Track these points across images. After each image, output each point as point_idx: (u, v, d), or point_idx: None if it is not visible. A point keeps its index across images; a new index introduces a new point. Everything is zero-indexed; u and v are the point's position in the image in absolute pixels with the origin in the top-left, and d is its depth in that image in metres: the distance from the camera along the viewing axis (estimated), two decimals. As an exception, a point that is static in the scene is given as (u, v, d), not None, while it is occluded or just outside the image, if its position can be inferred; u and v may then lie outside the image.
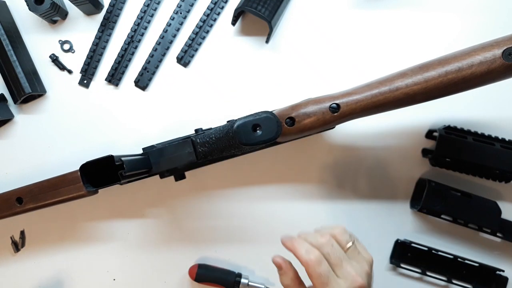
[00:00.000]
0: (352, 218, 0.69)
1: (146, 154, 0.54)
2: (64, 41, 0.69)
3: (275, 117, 0.50)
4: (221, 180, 0.69)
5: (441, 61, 0.48)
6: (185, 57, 0.69)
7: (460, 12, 0.67)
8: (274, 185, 0.69)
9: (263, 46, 0.68)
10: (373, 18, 0.68)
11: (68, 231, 0.70)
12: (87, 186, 0.56)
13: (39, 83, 0.68)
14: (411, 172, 0.68)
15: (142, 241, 0.70)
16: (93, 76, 0.69)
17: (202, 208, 0.69)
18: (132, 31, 0.68)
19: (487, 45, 0.46)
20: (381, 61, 0.67)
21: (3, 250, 0.70)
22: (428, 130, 0.67)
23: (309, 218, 0.69)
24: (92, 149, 0.69)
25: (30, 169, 0.69)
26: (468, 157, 0.62)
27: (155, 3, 0.69)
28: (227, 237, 0.69)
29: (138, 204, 0.69)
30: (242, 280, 0.65)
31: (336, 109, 0.50)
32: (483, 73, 0.45)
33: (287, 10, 0.68)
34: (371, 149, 0.68)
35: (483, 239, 0.68)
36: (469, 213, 0.63)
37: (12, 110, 0.69)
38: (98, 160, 0.54)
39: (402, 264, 0.68)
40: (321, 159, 0.68)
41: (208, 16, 0.68)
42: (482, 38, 0.48)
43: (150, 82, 0.69)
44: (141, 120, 0.69)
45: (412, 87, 0.48)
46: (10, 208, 0.60)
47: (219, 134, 0.52)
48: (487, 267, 0.66)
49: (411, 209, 0.68)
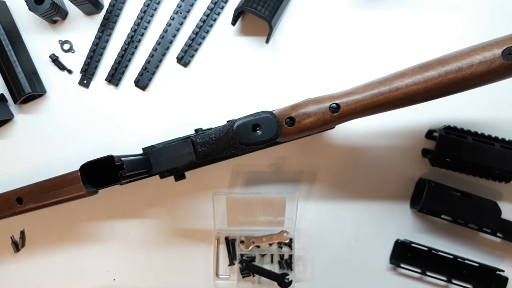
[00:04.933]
0: (352, 218, 0.69)
1: (146, 154, 0.54)
2: (64, 41, 0.69)
3: (275, 117, 0.50)
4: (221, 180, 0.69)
5: (441, 61, 0.48)
6: (185, 57, 0.69)
7: (460, 12, 0.67)
8: (274, 185, 0.69)
9: (263, 46, 0.68)
10: (373, 18, 0.68)
11: (68, 231, 0.70)
12: (87, 186, 0.56)
13: (39, 83, 0.68)
14: (411, 172, 0.68)
15: (142, 241, 0.70)
16: (93, 76, 0.69)
17: (202, 208, 0.69)
18: (132, 31, 0.68)
19: (487, 45, 0.46)
20: (381, 61, 0.67)
21: (3, 250, 0.70)
22: (428, 130, 0.67)
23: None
24: (92, 149, 0.69)
25: (30, 169, 0.69)
26: (468, 157, 0.62)
27: (155, 3, 0.69)
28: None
29: (138, 204, 0.69)
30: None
31: (336, 109, 0.50)
32: (483, 72, 0.45)
33: (287, 10, 0.68)
34: (371, 149, 0.68)
35: (483, 239, 0.68)
36: (469, 213, 0.63)
37: (12, 110, 0.69)
38: (98, 160, 0.54)
39: (402, 264, 0.68)
40: (321, 159, 0.68)
41: (208, 16, 0.68)
42: (482, 38, 0.48)
43: (150, 82, 0.69)
44: (141, 120, 0.69)
45: (412, 87, 0.48)
46: (10, 208, 0.60)
47: (219, 134, 0.52)
48: (487, 267, 0.66)
49: (411, 209, 0.68)
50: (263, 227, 0.69)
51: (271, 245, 0.69)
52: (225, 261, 0.70)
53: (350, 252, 0.69)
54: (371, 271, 0.69)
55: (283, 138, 0.53)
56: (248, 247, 0.67)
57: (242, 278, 0.68)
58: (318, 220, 0.69)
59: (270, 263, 0.69)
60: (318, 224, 0.69)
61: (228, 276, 0.70)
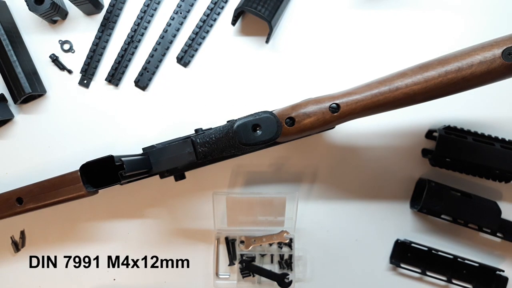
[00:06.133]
0: (352, 218, 0.69)
1: (146, 154, 0.54)
2: (64, 41, 0.69)
3: (275, 117, 0.50)
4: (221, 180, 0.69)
5: (441, 61, 0.48)
6: (185, 57, 0.69)
7: (460, 12, 0.67)
8: (274, 185, 0.69)
9: (263, 46, 0.68)
10: (373, 18, 0.68)
11: (68, 231, 0.70)
12: (87, 186, 0.56)
13: (39, 83, 0.68)
14: (411, 172, 0.68)
15: (142, 241, 0.70)
16: (93, 76, 0.69)
17: (202, 208, 0.69)
18: (132, 31, 0.68)
19: (487, 45, 0.46)
20: (381, 61, 0.67)
21: (3, 250, 0.70)
22: (428, 130, 0.67)
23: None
24: (92, 149, 0.69)
25: (30, 169, 0.69)
26: (468, 157, 0.62)
27: (155, 3, 0.69)
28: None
29: (138, 204, 0.69)
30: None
31: (336, 109, 0.50)
32: (483, 72, 0.45)
33: (287, 10, 0.68)
34: (371, 149, 0.68)
35: (483, 239, 0.68)
36: (469, 213, 0.63)
37: (12, 110, 0.69)
38: (98, 160, 0.54)
39: (402, 264, 0.68)
40: (321, 159, 0.68)
41: (208, 16, 0.68)
42: (482, 38, 0.48)
43: (150, 82, 0.69)
44: (141, 120, 0.69)
45: (412, 87, 0.48)
46: (10, 208, 0.60)
47: (219, 134, 0.52)
48: (487, 267, 0.66)
49: (411, 209, 0.68)
50: (263, 227, 0.69)
51: (271, 245, 0.69)
52: (225, 261, 0.70)
53: (350, 252, 0.69)
54: (371, 271, 0.69)
55: (283, 138, 0.53)
56: (248, 247, 0.67)
57: (242, 278, 0.67)
58: (318, 220, 0.69)
59: (270, 263, 0.69)
60: (318, 224, 0.69)
61: (228, 276, 0.70)
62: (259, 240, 0.68)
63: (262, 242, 0.68)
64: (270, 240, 0.68)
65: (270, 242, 0.68)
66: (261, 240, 0.68)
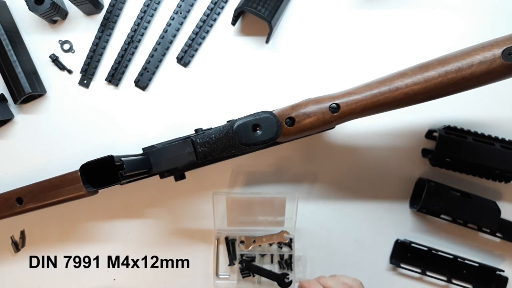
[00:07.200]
0: (352, 218, 0.69)
1: (146, 154, 0.54)
2: (64, 41, 0.69)
3: (275, 117, 0.50)
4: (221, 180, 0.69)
5: (441, 61, 0.48)
6: (185, 57, 0.69)
7: (460, 12, 0.67)
8: (274, 185, 0.69)
9: (263, 46, 0.68)
10: (373, 18, 0.68)
11: (68, 231, 0.70)
12: (87, 186, 0.56)
13: (39, 83, 0.68)
14: (411, 172, 0.68)
15: (142, 241, 0.70)
16: (93, 76, 0.69)
17: (202, 208, 0.69)
18: (132, 31, 0.68)
19: (487, 45, 0.46)
20: (381, 61, 0.67)
21: (3, 250, 0.70)
22: (428, 130, 0.67)
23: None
24: (92, 149, 0.69)
25: (30, 169, 0.69)
26: (468, 157, 0.62)
27: (155, 3, 0.69)
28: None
29: (138, 204, 0.69)
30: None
31: (336, 109, 0.50)
32: (483, 73, 0.45)
33: (287, 10, 0.68)
34: (371, 149, 0.68)
35: (483, 239, 0.68)
36: (468, 213, 0.63)
37: (12, 110, 0.69)
38: (98, 160, 0.54)
39: (402, 264, 0.68)
40: (321, 159, 0.68)
41: (208, 16, 0.68)
42: (482, 38, 0.48)
43: (150, 82, 0.69)
44: (141, 120, 0.69)
45: (412, 87, 0.48)
46: (10, 208, 0.60)
47: (219, 134, 0.52)
48: (487, 267, 0.66)
49: (410, 209, 0.68)
50: (263, 227, 0.69)
51: (271, 245, 0.69)
52: (225, 261, 0.70)
53: (350, 252, 0.69)
54: (371, 271, 0.69)
55: (283, 138, 0.53)
56: (248, 247, 0.68)
57: (242, 278, 0.67)
58: (318, 220, 0.69)
59: (270, 263, 0.69)
60: (318, 224, 0.69)
61: (228, 276, 0.70)
62: (259, 240, 0.68)
63: (262, 242, 0.68)
64: (270, 240, 0.68)
65: (270, 242, 0.68)
66: (261, 240, 0.68)
